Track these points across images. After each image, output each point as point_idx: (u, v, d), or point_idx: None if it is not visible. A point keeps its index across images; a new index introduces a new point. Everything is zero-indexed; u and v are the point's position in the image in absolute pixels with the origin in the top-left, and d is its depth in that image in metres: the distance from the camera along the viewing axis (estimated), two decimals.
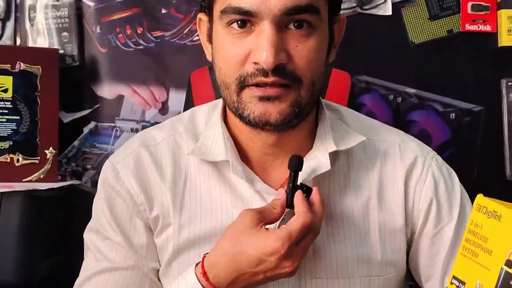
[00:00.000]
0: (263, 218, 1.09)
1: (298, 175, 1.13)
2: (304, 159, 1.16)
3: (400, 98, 2.21)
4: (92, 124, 2.22)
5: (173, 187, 1.24)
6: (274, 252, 1.03)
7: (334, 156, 1.21)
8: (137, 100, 2.22)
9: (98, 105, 2.22)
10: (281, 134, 1.17)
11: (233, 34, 1.10)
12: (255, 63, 1.09)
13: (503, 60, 2.23)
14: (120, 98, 2.22)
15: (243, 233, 1.07)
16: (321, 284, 1.20)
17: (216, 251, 1.10)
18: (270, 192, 1.18)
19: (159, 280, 1.26)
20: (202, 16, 1.23)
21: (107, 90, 2.22)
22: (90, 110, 2.22)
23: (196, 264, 1.12)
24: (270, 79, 1.09)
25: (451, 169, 1.31)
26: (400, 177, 1.25)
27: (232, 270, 1.07)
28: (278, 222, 1.12)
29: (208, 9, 1.19)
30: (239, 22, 1.10)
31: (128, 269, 1.24)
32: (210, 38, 1.22)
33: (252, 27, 1.10)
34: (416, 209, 1.24)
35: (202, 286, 1.09)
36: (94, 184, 2.16)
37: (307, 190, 1.13)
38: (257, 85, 1.10)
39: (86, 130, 2.22)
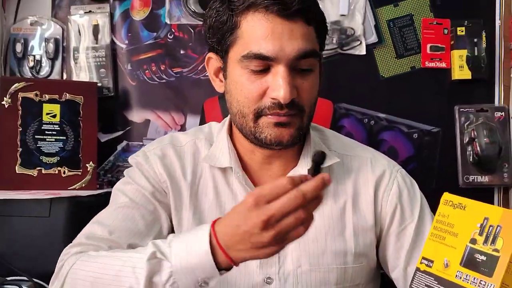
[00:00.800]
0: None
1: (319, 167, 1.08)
2: (289, 173, 1.20)
3: (373, 121, 2.22)
4: (124, 143, 2.23)
5: (192, 184, 1.24)
6: (247, 203, 0.89)
7: None
8: (161, 123, 2.24)
9: (129, 128, 2.24)
10: (276, 150, 1.19)
11: (251, 74, 1.12)
12: (273, 98, 1.10)
13: (456, 91, 2.23)
14: (147, 121, 2.24)
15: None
16: (305, 272, 1.21)
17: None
18: None
19: None
20: (212, 55, 1.23)
21: (136, 115, 2.24)
22: (123, 131, 2.24)
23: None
24: (284, 111, 1.11)
25: (413, 179, 1.32)
26: (371, 186, 1.26)
27: (229, 224, 0.92)
28: None
29: (221, 51, 1.18)
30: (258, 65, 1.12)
31: (147, 210, 1.21)
32: (217, 73, 1.23)
33: (268, 68, 1.11)
34: (383, 212, 1.26)
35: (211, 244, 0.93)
36: None
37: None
38: (269, 114, 1.13)
39: (119, 147, 2.23)
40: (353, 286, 1.25)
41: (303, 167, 1.21)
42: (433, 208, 1.08)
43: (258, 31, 1.09)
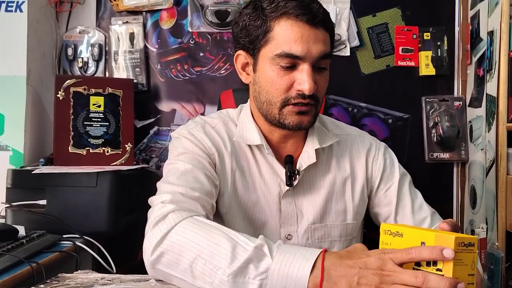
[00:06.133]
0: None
1: (291, 166, 1.17)
2: (301, 152, 1.20)
3: (356, 110, 2.21)
4: (155, 128, 2.23)
5: (232, 155, 1.19)
6: (366, 259, 0.78)
7: (319, 151, 1.21)
8: (184, 112, 2.23)
9: (159, 116, 2.23)
10: (291, 132, 1.17)
11: (281, 69, 1.09)
12: (299, 90, 1.09)
13: (423, 84, 2.22)
14: (173, 111, 2.23)
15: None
16: (316, 228, 1.20)
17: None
18: (281, 169, 1.19)
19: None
20: (241, 52, 1.18)
21: (164, 106, 2.24)
22: (154, 119, 2.23)
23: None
24: (307, 100, 1.10)
25: (392, 151, 1.32)
26: (362, 156, 1.26)
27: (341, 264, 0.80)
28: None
29: (252, 49, 1.14)
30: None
31: (208, 173, 1.11)
32: (244, 68, 1.19)
33: (295, 66, 1.09)
34: (373, 177, 1.25)
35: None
36: (157, 167, 2.19)
37: (298, 173, 1.16)
38: (293, 104, 1.11)
39: (151, 132, 2.23)
40: (350, 239, 1.25)
41: (310, 148, 1.19)
42: None
43: (290, 34, 1.08)
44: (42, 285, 0.91)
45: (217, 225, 0.92)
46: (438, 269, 0.71)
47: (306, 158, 1.19)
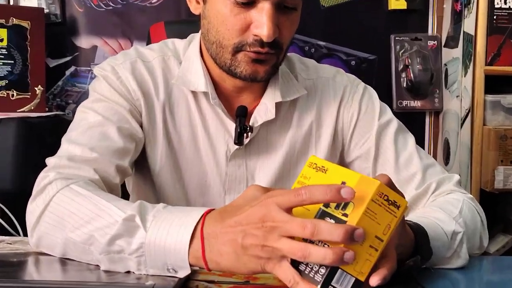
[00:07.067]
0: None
1: (243, 120, 1.13)
2: (258, 105, 1.17)
3: (313, 49, 2.29)
4: (72, 68, 2.26)
5: (164, 104, 1.15)
6: (252, 196, 0.77)
7: (281, 104, 1.17)
8: (108, 49, 2.27)
9: (77, 53, 2.27)
10: (247, 82, 1.13)
11: (235, 5, 1.03)
12: (256, 35, 1.03)
13: (392, 20, 2.31)
14: (94, 48, 2.26)
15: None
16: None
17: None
18: (231, 124, 1.15)
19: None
20: None
21: (84, 42, 2.27)
22: (71, 57, 2.27)
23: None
24: (265, 49, 1.04)
25: (375, 94, 1.26)
26: (334, 105, 1.22)
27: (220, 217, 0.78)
28: None
29: None
30: None
31: (123, 128, 1.09)
32: None
33: (253, 2, 1.03)
34: (345, 128, 1.22)
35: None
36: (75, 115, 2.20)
37: (250, 129, 1.14)
38: (249, 51, 1.06)
39: (67, 73, 2.26)
40: None
41: (269, 100, 1.16)
42: None
43: None
44: None
45: (90, 194, 0.91)
46: (344, 214, 0.70)
47: (263, 112, 1.16)
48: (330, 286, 0.69)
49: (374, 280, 0.71)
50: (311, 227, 0.68)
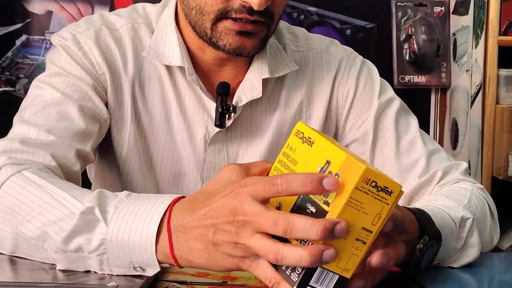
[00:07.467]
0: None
1: (225, 98, 1.11)
2: (242, 80, 1.15)
3: (302, 16, 2.26)
4: (23, 37, 2.22)
5: (134, 79, 1.14)
6: (226, 179, 0.75)
7: (268, 81, 1.17)
8: (65, 15, 2.22)
9: (28, 20, 2.22)
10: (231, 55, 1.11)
11: None
12: (244, 1, 1.00)
13: None
14: (49, 13, 2.21)
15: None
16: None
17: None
18: (211, 103, 1.14)
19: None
20: None
21: (37, 6, 2.22)
22: (22, 24, 2.21)
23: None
24: (254, 17, 1.02)
25: (372, 65, 1.27)
26: (327, 80, 1.21)
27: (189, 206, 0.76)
28: None
29: None
30: None
31: (85, 106, 1.07)
32: None
33: None
34: (340, 107, 1.22)
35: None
36: (26, 91, 2.14)
37: (233, 110, 1.12)
38: (234, 18, 1.03)
39: (18, 42, 2.21)
40: None
41: (255, 76, 1.15)
42: None
43: None
44: None
45: (43, 181, 0.88)
46: (326, 202, 0.67)
47: (248, 89, 1.15)
48: (308, 287, 0.68)
49: (375, 258, 0.69)
50: (283, 224, 0.66)
